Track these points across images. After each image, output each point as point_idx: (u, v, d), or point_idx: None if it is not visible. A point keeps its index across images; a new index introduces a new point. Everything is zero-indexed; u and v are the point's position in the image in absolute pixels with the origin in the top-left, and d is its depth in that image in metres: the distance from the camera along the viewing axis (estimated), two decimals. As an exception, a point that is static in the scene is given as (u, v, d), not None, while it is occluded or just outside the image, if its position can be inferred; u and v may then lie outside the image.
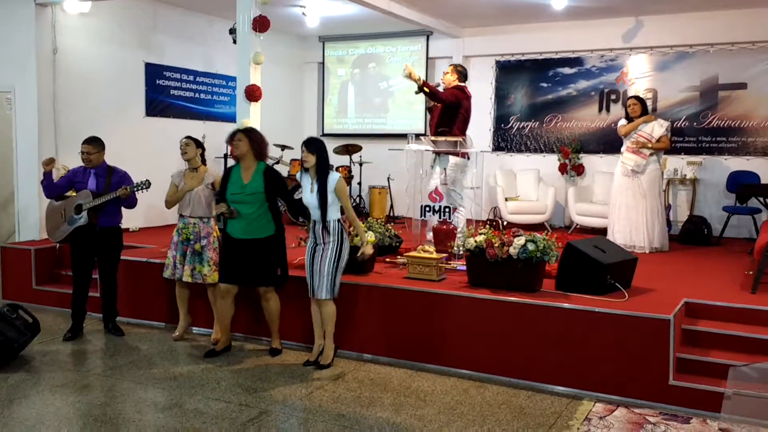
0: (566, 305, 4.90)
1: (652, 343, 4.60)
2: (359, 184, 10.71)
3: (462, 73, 6.99)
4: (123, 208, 6.03)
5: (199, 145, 5.82)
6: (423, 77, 7.09)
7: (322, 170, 5.05)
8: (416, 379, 5.07)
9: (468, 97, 6.91)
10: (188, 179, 5.71)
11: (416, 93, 6.77)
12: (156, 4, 9.05)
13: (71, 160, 6.96)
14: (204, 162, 5.90)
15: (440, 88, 6.86)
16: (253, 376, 5.06)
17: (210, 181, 5.72)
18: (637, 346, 4.65)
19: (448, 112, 6.77)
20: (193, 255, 5.73)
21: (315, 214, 5.09)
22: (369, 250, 5.34)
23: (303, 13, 9.48)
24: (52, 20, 7.85)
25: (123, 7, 8.57)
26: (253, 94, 6.45)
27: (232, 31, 7.19)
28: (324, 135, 11.78)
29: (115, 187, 5.81)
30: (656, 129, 7.57)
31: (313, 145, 5.06)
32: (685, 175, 9.29)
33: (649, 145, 7.51)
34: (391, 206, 10.75)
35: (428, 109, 7.06)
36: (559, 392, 4.82)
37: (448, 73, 6.97)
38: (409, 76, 6.59)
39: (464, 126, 6.88)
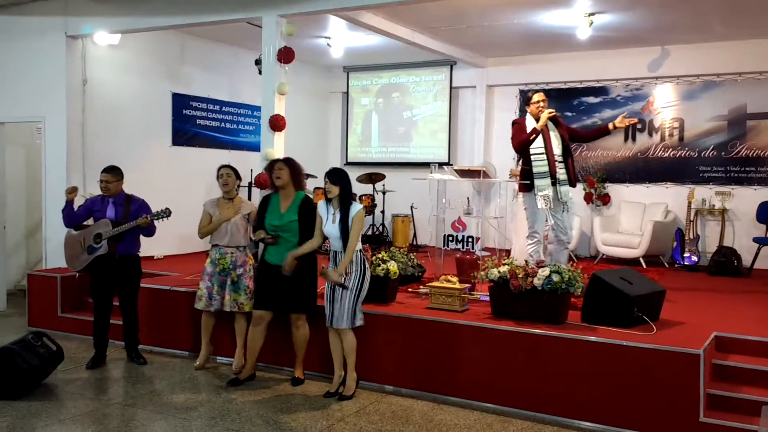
0: (592, 338, 4.80)
1: (682, 378, 4.47)
2: (382, 212, 10.69)
3: None
4: (142, 236, 6.07)
5: (237, 175, 5.86)
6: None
7: (345, 201, 5.05)
8: (439, 412, 4.98)
9: None
10: (224, 209, 5.72)
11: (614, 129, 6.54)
12: (183, 36, 9.21)
13: (98, 188, 7.05)
14: (238, 192, 5.93)
15: (529, 119, 6.42)
16: (273, 407, 5.01)
17: (247, 211, 5.75)
18: (666, 381, 4.52)
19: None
20: (232, 284, 5.73)
21: (336, 244, 5.07)
22: (333, 276, 4.99)
23: (328, 44, 9.59)
24: (82, 52, 8.02)
25: (151, 39, 8.74)
26: (277, 123, 6.50)
27: (258, 62, 7.28)
28: (348, 164, 11.83)
29: (134, 216, 5.84)
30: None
31: (337, 176, 5.07)
32: (714, 206, 9.15)
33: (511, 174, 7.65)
34: (414, 235, 10.71)
35: (531, 139, 6.30)
36: (586, 428, 4.70)
37: (545, 99, 6.41)
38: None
39: None
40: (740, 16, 7.82)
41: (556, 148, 6.27)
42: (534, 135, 6.24)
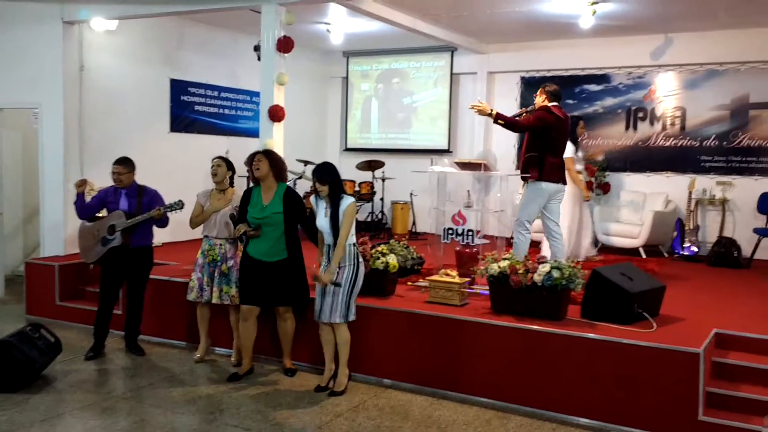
0: (592, 335, 4.79)
1: (681, 376, 4.47)
2: (381, 199, 10.66)
3: (552, 93, 6.29)
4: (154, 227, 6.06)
5: (230, 167, 5.81)
6: (492, 108, 6.10)
7: (335, 196, 5.02)
8: (437, 407, 4.98)
9: (556, 117, 6.21)
10: (215, 200, 5.69)
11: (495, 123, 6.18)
12: (181, 21, 9.09)
13: (96, 175, 7.04)
14: (232, 184, 5.88)
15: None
16: (273, 401, 5.01)
17: (238, 203, 5.70)
18: (665, 379, 4.52)
19: (536, 136, 6.20)
20: (220, 276, 5.71)
21: (328, 238, 5.05)
22: (325, 278, 4.97)
23: (327, 30, 9.49)
24: (79, 38, 7.92)
25: (149, 24, 8.63)
26: (276, 114, 6.45)
27: (257, 48, 7.20)
28: (347, 150, 11.78)
29: (146, 207, 5.83)
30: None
31: (325, 174, 5.00)
32: (714, 196, 9.12)
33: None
34: (414, 222, 10.68)
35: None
36: (584, 425, 4.70)
37: (537, 95, 6.38)
38: (481, 112, 6.07)
39: (556, 150, 6.28)
40: (746, 4, 7.71)
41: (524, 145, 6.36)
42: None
